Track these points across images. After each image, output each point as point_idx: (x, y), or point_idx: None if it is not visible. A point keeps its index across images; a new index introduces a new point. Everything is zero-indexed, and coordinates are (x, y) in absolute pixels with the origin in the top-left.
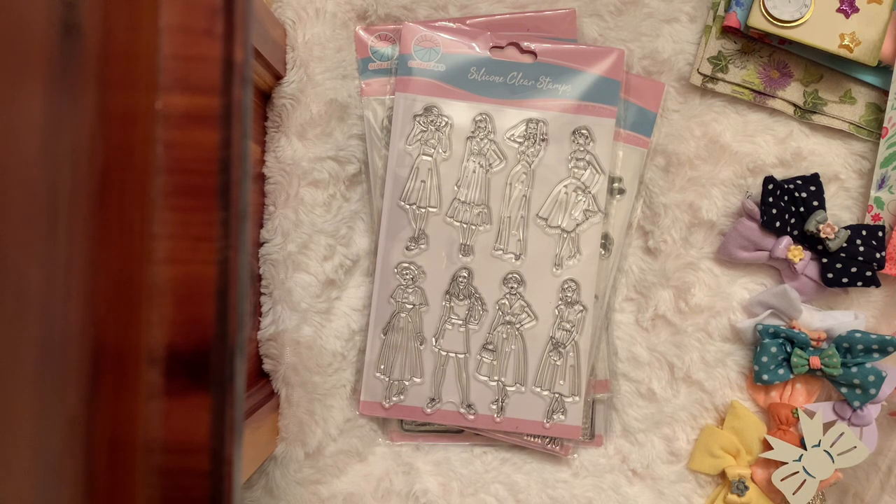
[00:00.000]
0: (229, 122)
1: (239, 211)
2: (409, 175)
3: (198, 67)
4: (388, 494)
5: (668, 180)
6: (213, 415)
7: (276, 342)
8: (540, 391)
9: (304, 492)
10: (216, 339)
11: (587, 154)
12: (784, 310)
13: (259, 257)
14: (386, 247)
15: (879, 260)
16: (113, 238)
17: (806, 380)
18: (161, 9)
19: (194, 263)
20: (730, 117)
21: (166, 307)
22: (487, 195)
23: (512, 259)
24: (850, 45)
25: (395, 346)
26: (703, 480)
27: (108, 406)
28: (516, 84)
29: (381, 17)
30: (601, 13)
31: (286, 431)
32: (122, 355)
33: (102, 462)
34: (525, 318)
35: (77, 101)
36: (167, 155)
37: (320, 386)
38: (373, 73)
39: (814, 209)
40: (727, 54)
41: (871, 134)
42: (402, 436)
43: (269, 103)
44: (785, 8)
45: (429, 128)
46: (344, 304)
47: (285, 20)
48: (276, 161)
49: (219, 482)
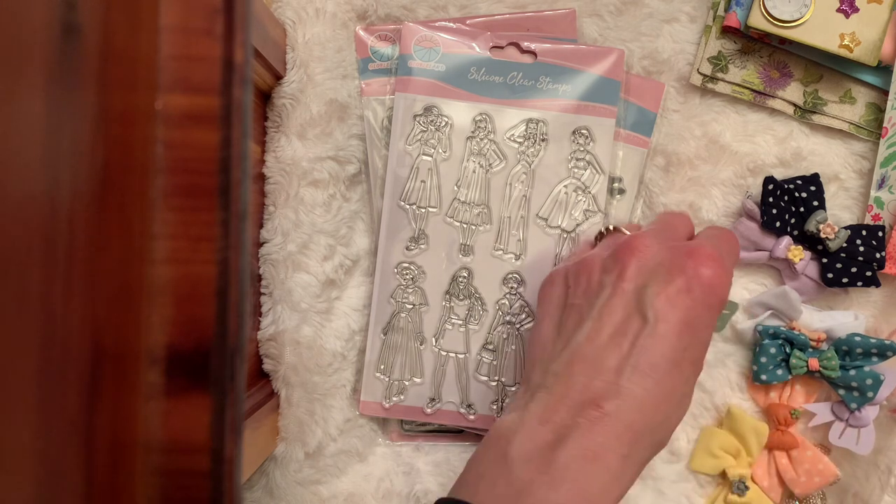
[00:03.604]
0: (229, 122)
1: (239, 211)
2: (409, 175)
3: (198, 67)
4: (388, 495)
5: (668, 180)
6: (213, 415)
7: (276, 342)
8: None
9: (304, 492)
10: (216, 339)
11: (587, 154)
12: (784, 311)
13: (259, 257)
14: (386, 247)
15: (879, 260)
16: (113, 238)
17: (805, 381)
18: (161, 9)
19: (194, 263)
20: (730, 117)
21: (166, 307)
22: (487, 195)
23: (512, 259)
24: (850, 45)
25: (395, 346)
26: (703, 480)
27: (108, 406)
28: (516, 84)
29: (381, 17)
30: (601, 13)
31: (286, 431)
32: (122, 355)
33: (102, 462)
34: (525, 318)
35: (77, 101)
36: (167, 155)
37: (320, 386)
38: (373, 73)
39: (814, 209)
40: (727, 54)
41: (871, 134)
42: (402, 436)
43: (269, 103)
44: (785, 8)
45: (429, 128)
46: (344, 304)
47: (285, 20)
48: (276, 161)
49: (219, 482)
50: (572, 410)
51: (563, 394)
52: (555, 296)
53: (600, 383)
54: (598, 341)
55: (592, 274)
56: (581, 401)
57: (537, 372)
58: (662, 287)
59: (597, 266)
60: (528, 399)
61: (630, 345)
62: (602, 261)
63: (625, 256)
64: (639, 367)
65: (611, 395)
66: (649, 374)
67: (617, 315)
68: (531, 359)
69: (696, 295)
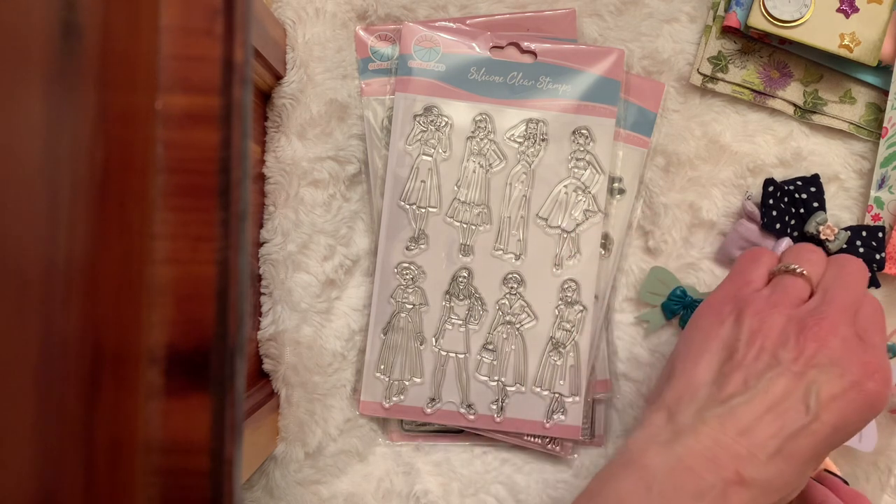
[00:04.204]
0: (229, 122)
1: (239, 211)
2: (409, 175)
3: (198, 67)
4: (388, 495)
5: (668, 180)
6: (213, 415)
7: (276, 342)
8: (540, 391)
9: (304, 492)
10: (216, 339)
11: (587, 154)
12: None
13: (259, 257)
14: (386, 247)
15: (879, 261)
16: (113, 238)
17: None
18: (161, 9)
19: (194, 263)
20: (730, 117)
21: (166, 307)
22: (487, 195)
23: (512, 259)
24: (850, 45)
25: (395, 346)
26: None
27: (108, 406)
28: (516, 84)
29: (381, 17)
30: (601, 13)
31: (286, 431)
32: (122, 355)
33: (102, 462)
34: (525, 318)
35: (77, 101)
36: (167, 155)
37: (320, 386)
38: (373, 73)
39: (814, 210)
40: (727, 54)
41: (871, 134)
42: (402, 436)
43: (269, 103)
44: (785, 8)
45: (429, 128)
46: (344, 304)
47: (285, 20)
48: (276, 161)
49: (219, 482)
50: (714, 469)
51: (709, 447)
52: (721, 335)
53: (745, 451)
54: (755, 413)
55: (768, 339)
56: (726, 461)
57: (686, 412)
58: (830, 386)
59: (775, 332)
60: (670, 435)
61: (783, 426)
62: (782, 328)
63: (808, 342)
64: (783, 451)
65: (750, 466)
66: (789, 460)
67: (780, 390)
68: (679, 385)
69: (857, 406)
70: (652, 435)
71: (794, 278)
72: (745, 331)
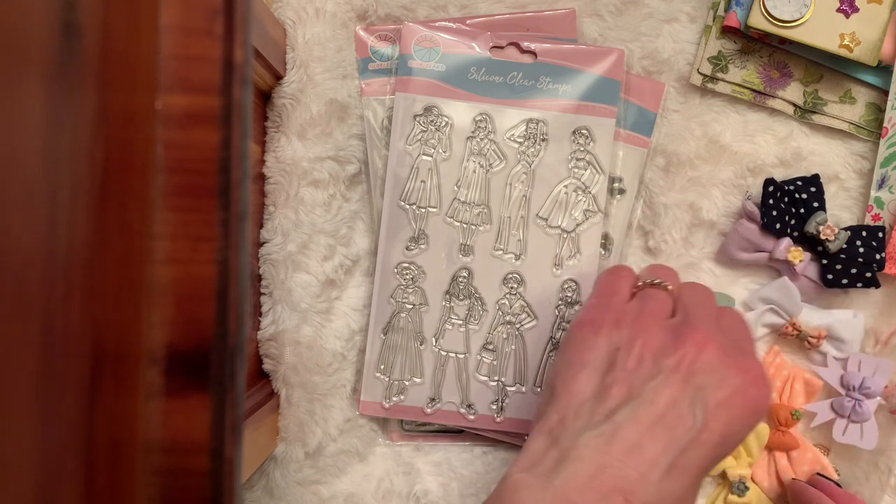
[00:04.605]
0: (229, 122)
1: (239, 211)
2: (409, 175)
3: (198, 67)
4: (388, 495)
5: (668, 180)
6: (214, 415)
7: (276, 342)
8: (540, 391)
9: (304, 492)
10: (216, 339)
11: (587, 154)
12: (784, 305)
13: (259, 257)
14: (386, 247)
15: (879, 261)
16: (113, 238)
17: (806, 381)
18: (161, 9)
19: (194, 263)
20: (730, 117)
21: (166, 307)
22: (487, 195)
23: (512, 259)
24: (850, 45)
25: (395, 346)
26: (703, 480)
27: (108, 406)
28: (516, 84)
29: (381, 17)
30: (601, 13)
31: (286, 431)
32: (122, 355)
33: (102, 462)
34: (525, 318)
35: (77, 101)
36: (167, 155)
37: (320, 386)
38: (373, 73)
39: (814, 210)
40: (727, 54)
41: (871, 134)
42: (402, 436)
43: (269, 103)
44: (785, 8)
45: (429, 128)
46: (344, 304)
47: (285, 20)
48: (276, 161)
49: (219, 482)
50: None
51: (593, 475)
52: (599, 346)
53: (634, 474)
54: (642, 426)
55: (647, 347)
56: (613, 488)
57: (568, 434)
58: (715, 392)
59: (654, 342)
60: (552, 464)
61: (673, 439)
62: (661, 338)
63: (687, 349)
64: (676, 466)
65: (640, 490)
66: (681, 477)
67: (665, 399)
68: (560, 404)
69: (742, 413)
70: (533, 463)
71: (658, 291)
72: (624, 339)
